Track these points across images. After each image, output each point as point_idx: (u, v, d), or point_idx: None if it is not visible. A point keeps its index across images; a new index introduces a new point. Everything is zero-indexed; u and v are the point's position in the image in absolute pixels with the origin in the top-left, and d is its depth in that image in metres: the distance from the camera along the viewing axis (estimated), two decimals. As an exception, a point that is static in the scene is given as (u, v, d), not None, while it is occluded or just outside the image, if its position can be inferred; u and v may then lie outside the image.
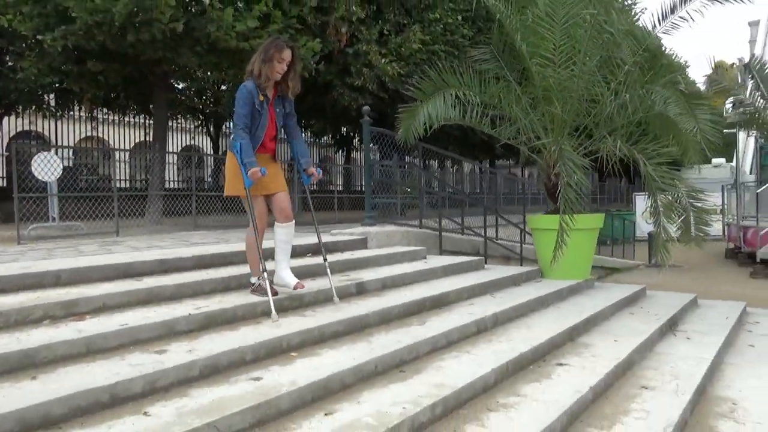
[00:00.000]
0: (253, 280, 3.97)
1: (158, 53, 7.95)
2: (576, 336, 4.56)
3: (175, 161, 18.68)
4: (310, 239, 5.62)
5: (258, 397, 2.58)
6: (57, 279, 3.63)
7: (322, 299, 4.17)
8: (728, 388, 4.01)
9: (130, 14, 6.93)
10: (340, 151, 21.99)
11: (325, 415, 2.66)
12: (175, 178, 18.00)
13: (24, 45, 9.64)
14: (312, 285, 4.33)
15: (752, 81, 12.61)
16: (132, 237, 6.98)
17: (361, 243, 6.12)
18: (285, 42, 3.79)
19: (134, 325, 3.09)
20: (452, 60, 10.03)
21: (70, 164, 14.91)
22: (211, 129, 19.19)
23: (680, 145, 6.05)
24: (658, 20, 5.75)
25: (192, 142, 23.26)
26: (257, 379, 2.84)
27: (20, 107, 13.27)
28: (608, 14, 5.32)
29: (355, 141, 19.80)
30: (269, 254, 4.14)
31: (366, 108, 6.37)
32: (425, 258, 6.21)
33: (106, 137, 20.52)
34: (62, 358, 2.73)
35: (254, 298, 3.81)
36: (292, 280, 3.83)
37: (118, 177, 16.69)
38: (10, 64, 11.24)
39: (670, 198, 5.24)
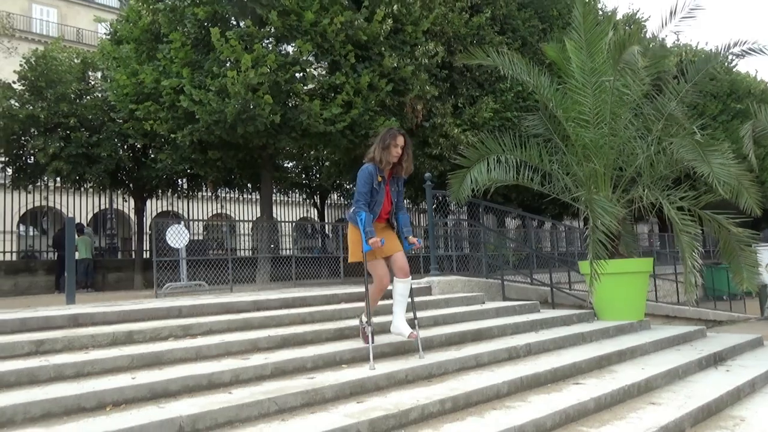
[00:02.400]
0: (363, 318, 4.51)
1: (262, 140, 9.69)
2: (605, 364, 5.08)
3: (290, 232, 20.74)
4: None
5: (307, 386, 3.58)
6: (179, 312, 4.93)
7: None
8: (746, 410, 4.36)
9: (238, 113, 8.70)
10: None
11: (357, 403, 3.59)
12: (290, 247, 19.97)
13: (162, 142, 11.93)
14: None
15: None
16: (242, 292, 8.38)
17: (426, 290, 7.02)
18: (398, 131, 4.36)
19: (229, 341, 4.25)
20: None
21: (201, 238, 17.28)
22: (317, 201, 21.19)
23: (732, 191, 6.44)
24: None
25: (307, 214, 25.52)
26: (311, 378, 3.84)
27: (160, 191, 15.88)
28: (624, 78, 6.05)
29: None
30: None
31: (428, 174, 7.43)
32: (483, 303, 6.95)
33: (231, 213, 23.26)
34: (179, 359, 3.93)
35: (318, 327, 4.86)
36: (406, 330, 4.32)
37: (239, 247, 18.92)
38: (152, 156, 13.74)
39: (691, 237, 5.66)
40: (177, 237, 8.69)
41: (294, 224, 21.12)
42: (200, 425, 3.05)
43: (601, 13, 16.06)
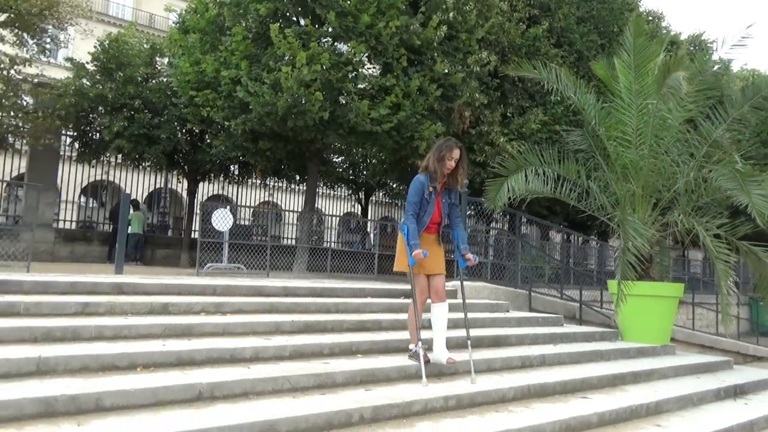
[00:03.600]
0: (411, 347, 4.35)
1: (311, 135, 10.04)
2: (618, 383, 5.13)
3: (335, 226, 21.16)
4: (399, 285, 6.84)
5: (321, 370, 3.83)
6: (214, 290, 5.28)
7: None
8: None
9: (289, 107, 9.06)
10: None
11: (366, 390, 3.81)
12: (333, 239, 20.38)
13: (217, 129, 12.49)
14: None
15: None
16: (278, 278, 8.74)
17: (452, 294, 7.15)
18: (454, 143, 4.29)
19: (255, 321, 4.56)
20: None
21: (248, 224, 17.89)
22: (362, 197, 21.54)
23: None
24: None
25: (352, 210, 25.93)
26: (326, 363, 4.09)
27: (212, 175, 16.56)
28: (666, 103, 6.04)
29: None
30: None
31: (465, 181, 7.57)
32: (508, 311, 7.05)
33: (279, 202, 23.90)
34: (208, 333, 4.25)
35: (341, 317, 5.11)
36: (444, 357, 4.19)
37: (284, 236, 19.46)
38: (207, 142, 14.37)
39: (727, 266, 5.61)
40: (222, 220, 9.13)
41: (339, 218, 21.54)
42: (217, 393, 3.34)
43: (664, 32, 15.73)
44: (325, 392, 3.66)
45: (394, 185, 19.27)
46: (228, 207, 9.69)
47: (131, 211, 14.21)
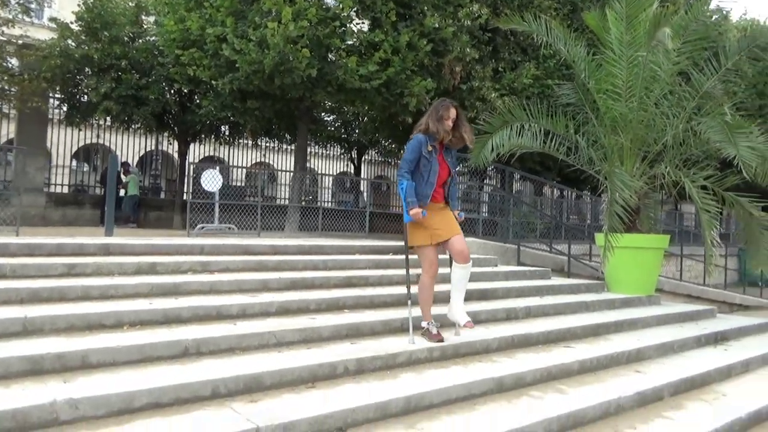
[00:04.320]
0: (424, 324, 4.19)
1: (299, 93, 9.89)
2: (602, 333, 5.24)
3: (329, 185, 21.12)
4: (389, 242, 6.88)
5: (307, 324, 3.89)
6: (201, 249, 5.32)
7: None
8: (731, 386, 4.46)
9: (276, 64, 8.90)
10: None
11: (351, 344, 3.89)
12: (328, 199, 20.38)
13: (206, 88, 12.30)
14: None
15: None
16: (269, 238, 8.79)
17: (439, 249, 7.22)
18: (450, 102, 4.19)
19: (242, 279, 4.61)
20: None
21: (242, 185, 17.84)
22: (354, 156, 21.45)
23: (765, 174, 6.35)
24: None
25: (346, 169, 25.85)
26: (312, 318, 4.16)
27: (203, 136, 16.43)
28: (656, 56, 5.96)
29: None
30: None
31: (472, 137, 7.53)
32: (496, 266, 7.13)
33: (272, 163, 23.78)
34: (195, 291, 4.30)
35: (328, 273, 5.16)
36: (463, 319, 4.03)
37: (279, 196, 19.45)
38: (197, 101, 14.19)
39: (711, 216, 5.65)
40: (211, 181, 9.11)
41: (333, 177, 21.48)
42: (204, 349, 3.40)
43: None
44: (310, 346, 3.73)
45: (386, 143, 19.14)
46: (217, 168, 9.63)
47: (126, 175, 14.22)
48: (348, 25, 9.79)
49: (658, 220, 6.99)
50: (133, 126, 15.19)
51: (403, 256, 6.23)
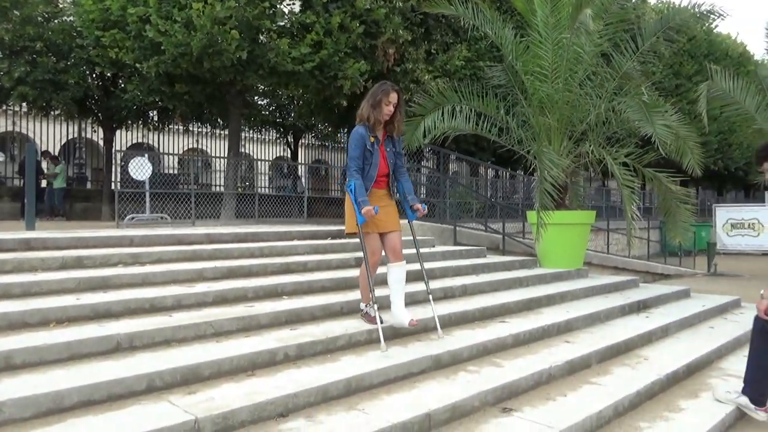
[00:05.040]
0: (362, 306, 4.17)
1: (230, 76, 9.65)
2: (534, 306, 5.46)
3: (266, 171, 20.74)
4: (327, 227, 6.88)
5: (245, 313, 3.85)
6: (131, 241, 5.13)
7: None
8: (652, 350, 4.76)
9: (204, 47, 8.64)
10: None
11: (291, 329, 3.88)
12: (265, 185, 20.00)
13: (130, 72, 11.77)
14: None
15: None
16: (204, 226, 8.58)
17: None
18: (391, 86, 3.93)
19: (176, 270, 4.49)
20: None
21: (175, 172, 17.24)
22: (291, 140, 21.17)
23: (677, 151, 6.76)
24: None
25: (283, 154, 25.43)
26: (250, 306, 4.12)
27: (130, 122, 15.73)
28: (579, 38, 6.20)
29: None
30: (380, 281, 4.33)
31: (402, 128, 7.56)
32: (434, 246, 7.26)
33: (206, 149, 23.10)
34: (126, 284, 4.16)
35: (266, 260, 5.11)
36: (406, 318, 3.87)
37: (214, 183, 18.96)
38: (122, 86, 13.55)
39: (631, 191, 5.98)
40: (139, 169, 8.77)
41: (269, 163, 21.13)
42: (137, 343, 3.31)
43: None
44: (249, 334, 3.70)
45: (323, 127, 18.98)
46: (146, 155, 9.28)
47: (56, 165, 13.47)
48: (278, 5, 9.60)
49: (586, 196, 7.31)
50: (53, 112, 14.36)
51: (342, 240, 6.27)
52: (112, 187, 14.63)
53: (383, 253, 4.14)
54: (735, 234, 21.06)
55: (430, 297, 4.27)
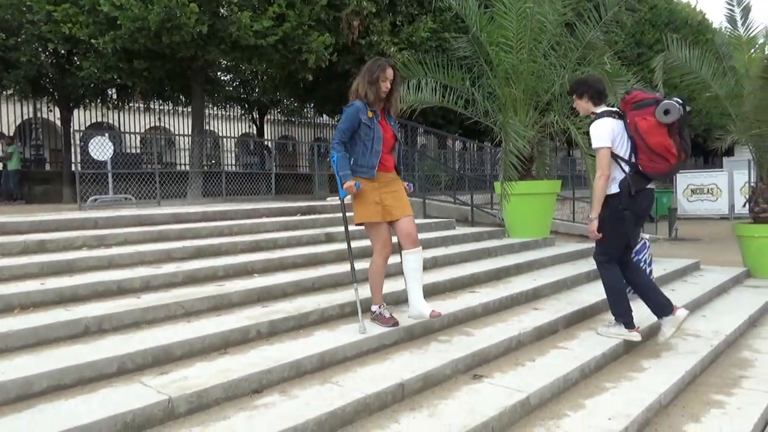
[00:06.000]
0: (375, 308, 3.84)
1: (190, 51, 9.41)
2: (503, 276, 5.56)
3: (232, 148, 20.38)
4: (296, 203, 6.85)
5: (215, 292, 3.83)
6: (95, 223, 5.03)
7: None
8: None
9: (162, 21, 8.37)
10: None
11: (263, 307, 3.88)
12: (232, 162, 19.66)
13: (86, 48, 11.34)
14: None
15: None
16: (171, 206, 8.43)
17: (348, 207, 7.26)
18: (386, 61, 3.74)
19: (143, 251, 4.42)
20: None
21: (138, 151, 16.82)
22: (256, 117, 20.85)
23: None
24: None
25: (250, 130, 25.00)
26: (221, 285, 4.09)
27: (88, 101, 15.23)
28: (542, 7, 6.22)
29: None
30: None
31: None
32: (403, 219, 7.29)
33: (170, 127, 22.55)
34: (92, 267, 4.09)
35: (235, 239, 5.07)
36: (426, 310, 3.62)
37: (179, 162, 18.56)
38: (77, 63, 13.06)
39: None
40: (100, 149, 8.54)
41: (236, 140, 20.77)
42: (106, 326, 3.27)
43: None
44: (220, 313, 3.69)
45: (288, 102, 18.72)
46: (107, 134, 9.02)
47: (8, 145, 12.99)
48: (239, -23, 9.36)
49: (552, 166, 7.42)
50: (5, 92, 13.80)
51: (312, 216, 6.25)
52: (73, 168, 14.27)
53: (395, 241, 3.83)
54: (695, 199, 21.70)
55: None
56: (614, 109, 3.99)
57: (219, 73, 15.36)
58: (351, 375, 3.12)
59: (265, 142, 19.92)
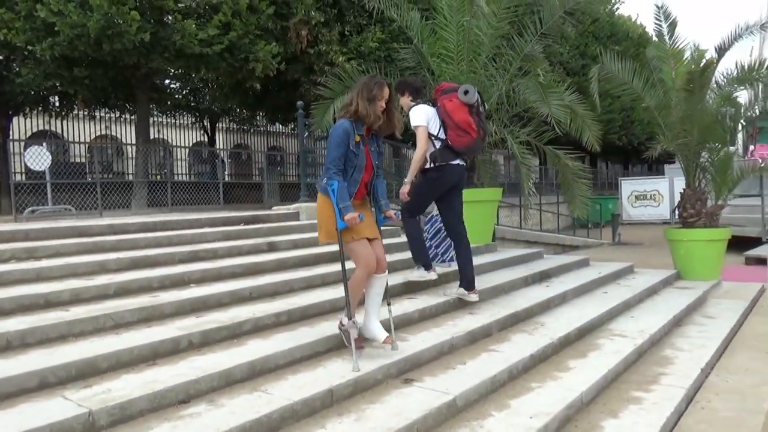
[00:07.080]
0: (345, 321, 3.61)
1: (133, 59, 9.25)
2: (442, 282, 5.61)
3: (185, 157, 19.98)
4: (242, 212, 6.82)
5: (147, 303, 3.80)
6: (26, 235, 4.89)
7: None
8: (550, 317, 5.05)
9: (102, 28, 8.21)
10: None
11: (196, 317, 3.86)
12: (184, 172, 19.26)
13: (24, 55, 11.00)
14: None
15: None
16: (114, 217, 8.25)
17: (294, 216, 7.28)
18: (383, 80, 3.68)
19: (76, 263, 4.34)
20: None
21: (83, 161, 16.32)
22: (207, 125, 20.57)
23: (576, 129, 7.17)
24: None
25: (202, 139, 24.57)
26: (155, 296, 4.05)
27: (28, 109, 14.72)
28: (478, 19, 6.43)
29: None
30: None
31: (300, 103, 7.53)
32: (349, 228, 7.35)
33: (119, 135, 21.96)
34: (18, 281, 3.99)
35: (173, 249, 5.02)
36: (382, 334, 3.62)
37: (128, 171, 18.06)
38: (16, 70, 12.63)
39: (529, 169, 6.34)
40: (37, 158, 8.28)
41: (188, 149, 20.40)
42: (30, 339, 3.20)
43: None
44: (151, 324, 3.66)
45: (239, 111, 18.55)
46: (44, 144, 8.76)
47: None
48: (183, -15, 9.28)
49: (502, 174, 7.62)
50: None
51: (256, 225, 6.25)
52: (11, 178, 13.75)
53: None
54: (638, 205, 22.55)
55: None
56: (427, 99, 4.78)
57: (167, 81, 15.11)
58: (281, 383, 3.15)
59: (217, 152, 19.65)
